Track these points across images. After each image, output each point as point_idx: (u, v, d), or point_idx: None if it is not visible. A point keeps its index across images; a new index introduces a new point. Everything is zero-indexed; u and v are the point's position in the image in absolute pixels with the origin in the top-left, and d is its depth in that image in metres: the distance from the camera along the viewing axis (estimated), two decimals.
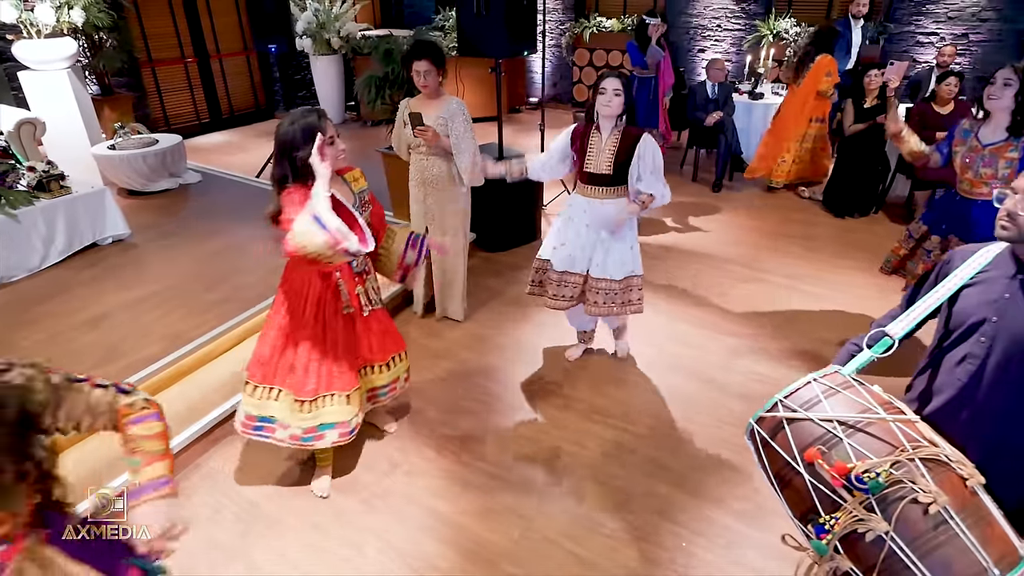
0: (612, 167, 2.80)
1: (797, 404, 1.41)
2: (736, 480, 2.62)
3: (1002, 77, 2.78)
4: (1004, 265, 1.43)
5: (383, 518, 2.48)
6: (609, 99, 2.69)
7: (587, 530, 2.41)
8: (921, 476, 1.21)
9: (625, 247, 2.96)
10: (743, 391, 3.17)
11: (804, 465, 1.32)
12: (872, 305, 3.91)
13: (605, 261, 2.94)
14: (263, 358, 2.41)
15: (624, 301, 3.03)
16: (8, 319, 3.30)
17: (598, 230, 2.92)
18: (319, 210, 1.92)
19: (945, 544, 1.17)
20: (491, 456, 2.78)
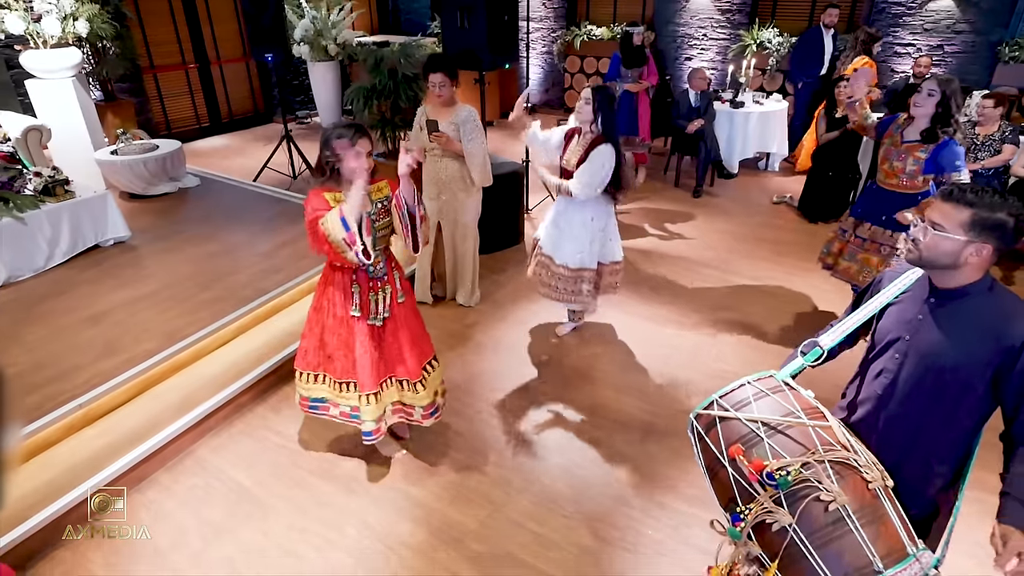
0: (576, 165, 3.18)
1: (730, 404, 1.56)
2: (689, 468, 2.82)
3: (927, 88, 3.10)
4: (920, 288, 1.57)
5: (361, 502, 2.69)
6: (580, 107, 3.10)
7: (548, 512, 2.62)
8: (827, 477, 1.35)
9: (579, 241, 3.31)
10: (703, 387, 3.38)
11: (728, 460, 1.48)
12: (836, 306, 4.12)
13: (561, 247, 3.35)
14: (306, 349, 2.68)
15: (574, 291, 3.38)
16: (15, 315, 3.52)
17: (561, 216, 3.34)
18: (347, 212, 2.26)
19: (839, 538, 1.31)
20: (464, 446, 2.99)
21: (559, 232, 3.37)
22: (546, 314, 4.04)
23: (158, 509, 2.66)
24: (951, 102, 3.04)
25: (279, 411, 3.24)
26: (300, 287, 3.93)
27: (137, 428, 2.87)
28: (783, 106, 6.59)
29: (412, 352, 2.66)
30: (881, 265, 3.39)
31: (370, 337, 2.56)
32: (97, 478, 2.59)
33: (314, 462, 2.91)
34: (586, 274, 3.38)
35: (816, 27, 6.31)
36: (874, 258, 3.42)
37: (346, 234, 2.26)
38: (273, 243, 4.42)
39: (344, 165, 2.33)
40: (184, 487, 2.77)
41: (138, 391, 3.06)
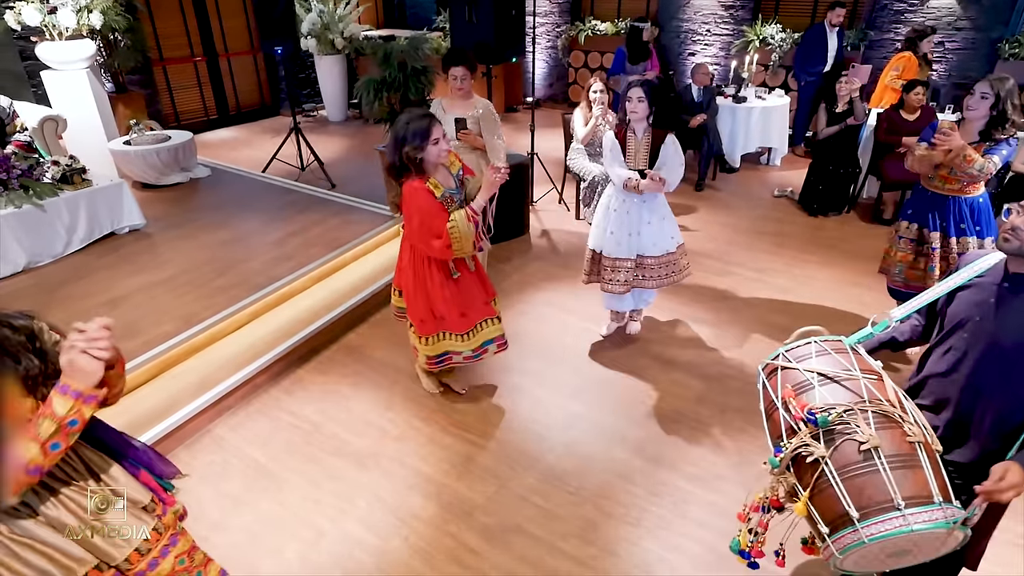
0: (648, 162, 3.26)
1: (793, 357, 1.70)
2: (689, 449, 2.93)
3: (979, 90, 3.02)
4: (995, 273, 1.65)
5: (373, 477, 2.79)
6: (635, 106, 3.15)
7: (553, 487, 2.72)
8: (866, 424, 1.44)
9: (669, 222, 3.41)
10: (703, 372, 3.48)
11: (781, 402, 1.61)
12: (830, 296, 4.21)
13: (658, 239, 3.38)
14: (422, 320, 2.94)
15: (680, 268, 3.46)
16: (35, 300, 3.62)
17: (640, 215, 3.35)
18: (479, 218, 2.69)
19: (867, 474, 1.39)
20: (471, 426, 3.09)
21: (650, 228, 3.36)
22: (552, 302, 4.14)
23: (178, 484, 2.76)
24: (1007, 103, 2.95)
25: (292, 393, 3.34)
26: (311, 274, 4.03)
27: (157, 407, 2.97)
28: (785, 101, 6.67)
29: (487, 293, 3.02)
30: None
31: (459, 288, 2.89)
32: None
33: (326, 440, 3.01)
34: (683, 247, 3.48)
35: (820, 24, 6.38)
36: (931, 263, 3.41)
37: (475, 234, 2.66)
38: (284, 232, 4.52)
39: (426, 154, 2.53)
40: (203, 463, 2.88)
41: (157, 372, 3.17)
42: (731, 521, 2.55)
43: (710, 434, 3.02)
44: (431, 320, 2.93)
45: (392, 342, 3.76)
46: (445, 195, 2.69)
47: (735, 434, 3.02)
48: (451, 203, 2.71)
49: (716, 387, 3.36)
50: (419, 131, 2.53)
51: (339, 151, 7.46)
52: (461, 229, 2.62)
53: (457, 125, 3.59)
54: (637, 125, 3.26)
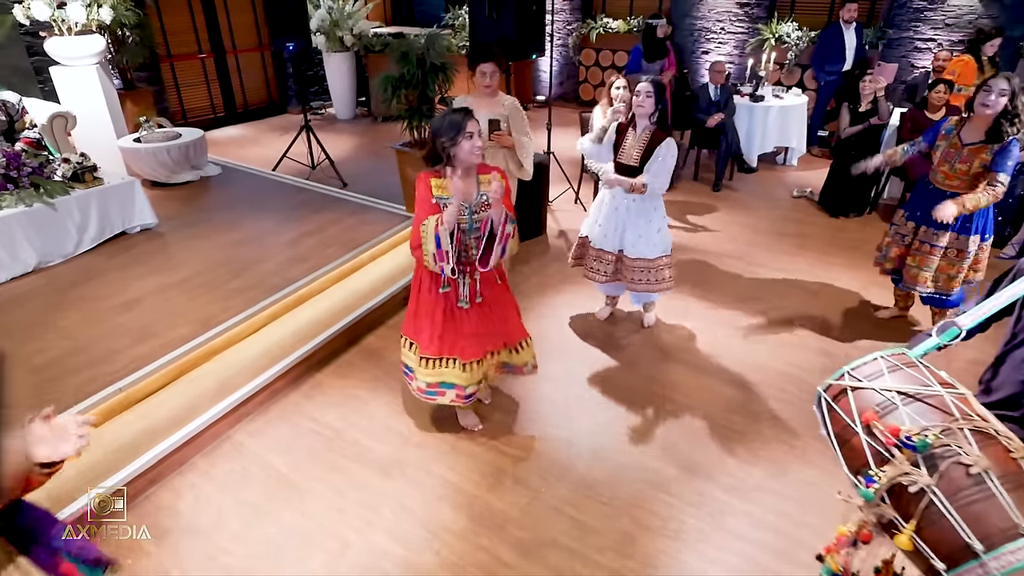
0: (639, 161, 3.22)
1: (862, 376, 1.54)
2: (723, 458, 2.84)
3: (997, 87, 3.00)
4: None
5: (398, 485, 2.70)
6: (642, 100, 3.11)
7: (587, 498, 2.63)
8: (967, 443, 1.31)
9: (653, 229, 3.38)
10: (733, 378, 3.39)
11: (862, 427, 1.45)
12: (856, 299, 4.13)
13: (636, 242, 3.37)
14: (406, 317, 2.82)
15: (658, 279, 3.44)
16: (47, 301, 3.53)
17: (627, 214, 3.36)
18: (442, 232, 2.40)
19: (983, 500, 1.25)
20: (495, 431, 3.00)
21: (635, 229, 3.38)
22: (572, 304, 4.05)
23: (198, 492, 2.68)
24: (1017, 99, 2.98)
25: (312, 398, 3.25)
26: (328, 275, 3.94)
27: (175, 413, 2.88)
28: (803, 100, 6.57)
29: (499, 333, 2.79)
30: (950, 269, 3.36)
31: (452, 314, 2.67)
32: (139, 462, 2.61)
33: (348, 447, 2.92)
34: (665, 259, 3.46)
35: (836, 23, 6.29)
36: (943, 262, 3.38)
37: (436, 251, 2.42)
38: (298, 232, 4.43)
39: (458, 149, 2.44)
40: (222, 471, 2.79)
41: (174, 376, 3.07)
42: (770, 533, 2.47)
43: (743, 443, 2.93)
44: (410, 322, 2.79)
45: None
46: (444, 202, 2.51)
47: (769, 443, 2.93)
48: None
49: (747, 394, 3.27)
50: (454, 124, 2.46)
51: (349, 149, 7.37)
52: (427, 232, 2.44)
53: (491, 126, 3.50)
54: (640, 121, 3.22)
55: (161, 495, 2.67)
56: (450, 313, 2.68)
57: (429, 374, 2.72)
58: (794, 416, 3.10)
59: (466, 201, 2.55)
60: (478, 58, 3.39)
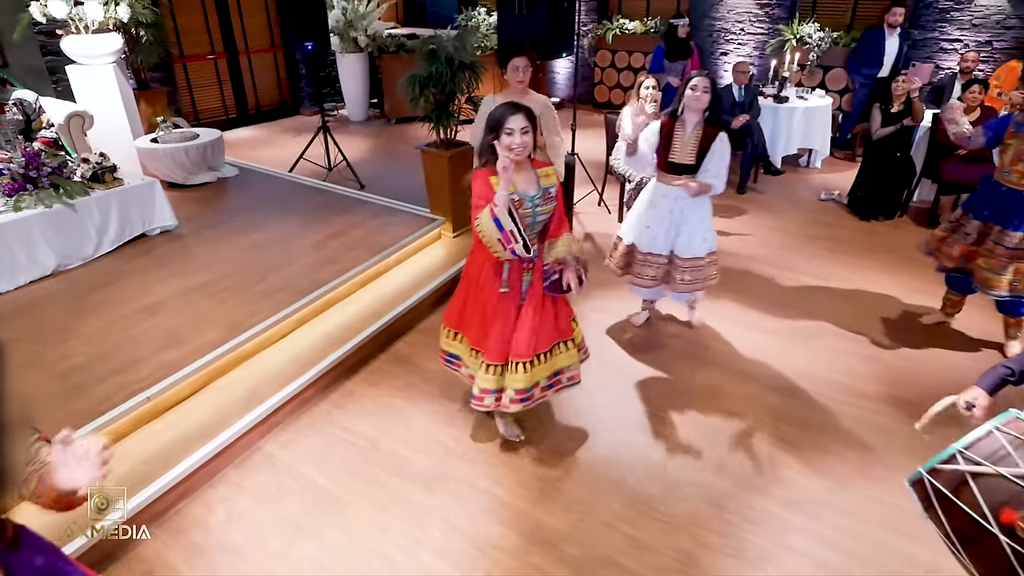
0: (695, 158, 3.10)
1: (982, 456, 1.28)
2: (777, 471, 2.71)
3: None
4: None
5: (444, 500, 2.58)
6: (698, 95, 2.98)
7: (640, 514, 2.51)
8: None
9: (705, 227, 3.28)
10: (777, 384, 3.26)
11: (1000, 527, 1.19)
12: (896, 304, 4.01)
13: (691, 241, 3.27)
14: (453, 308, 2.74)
15: (707, 276, 3.35)
16: (68, 306, 3.41)
17: (681, 214, 3.25)
18: (499, 212, 2.28)
19: None
20: (542, 444, 2.88)
21: (687, 229, 3.28)
22: (605, 309, 3.93)
23: (231, 507, 2.55)
24: None
25: (343, 407, 3.13)
26: (356, 279, 3.82)
27: (205, 422, 2.76)
28: (827, 102, 6.46)
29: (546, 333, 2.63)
30: None
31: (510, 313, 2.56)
32: (171, 474, 2.49)
33: (385, 459, 2.80)
34: (713, 255, 3.37)
35: (879, 27, 6.18)
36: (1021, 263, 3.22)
37: (500, 234, 2.29)
38: (323, 234, 4.32)
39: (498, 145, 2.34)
40: (255, 484, 2.66)
41: (203, 384, 2.95)
42: (834, 550, 2.34)
43: (795, 454, 2.81)
44: (457, 314, 2.73)
45: None
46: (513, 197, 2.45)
47: (821, 454, 2.80)
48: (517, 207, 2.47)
49: (793, 401, 3.15)
50: (496, 118, 2.37)
51: (364, 151, 7.27)
52: (483, 223, 2.35)
53: None
54: (690, 118, 3.09)
55: (192, 509, 2.54)
56: (510, 313, 2.58)
57: (492, 380, 2.59)
58: (845, 425, 2.97)
59: (526, 193, 2.45)
60: (510, 53, 3.27)
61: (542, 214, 2.51)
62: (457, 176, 4.48)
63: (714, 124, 3.11)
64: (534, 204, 2.49)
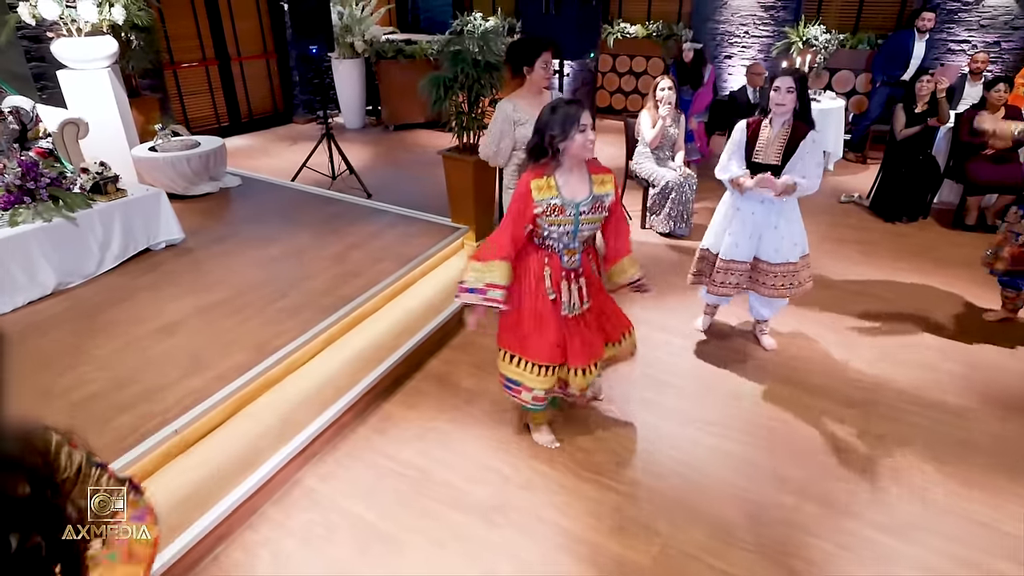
0: (780, 158, 2.95)
1: None
2: (864, 491, 2.54)
3: None
4: None
5: (508, 535, 2.35)
6: (783, 97, 2.84)
7: (725, 544, 2.31)
8: None
9: (794, 231, 3.11)
10: (845, 397, 3.10)
11: None
12: (942, 307, 3.89)
13: (779, 246, 3.10)
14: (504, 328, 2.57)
15: (800, 281, 3.18)
16: (75, 327, 3.12)
17: (767, 218, 3.07)
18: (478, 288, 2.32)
19: None
20: (605, 468, 2.67)
21: (776, 232, 3.10)
22: (644, 320, 3.73)
23: (276, 549, 2.30)
24: None
25: (384, 432, 2.89)
26: (383, 294, 3.58)
27: (238, 455, 2.50)
28: (840, 104, 6.40)
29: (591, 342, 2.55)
30: None
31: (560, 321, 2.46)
32: (208, 518, 2.24)
33: (439, 490, 2.56)
34: (805, 259, 3.21)
35: (908, 30, 6.14)
36: None
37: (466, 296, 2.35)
38: (341, 245, 4.06)
39: (570, 143, 2.21)
40: (299, 523, 2.41)
41: (232, 411, 2.69)
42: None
43: (880, 473, 2.63)
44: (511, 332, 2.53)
45: (481, 368, 3.33)
46: (549, 202, 2.28)
47: (909, 472, 2.63)
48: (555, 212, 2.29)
49: (865, 415, 2.98)
50: (568, 116, 2.21)
51: (365, 159, 7.02)
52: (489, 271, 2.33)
53: None
54: (778, 118, 2.93)
55: (232, 555, 2.28)
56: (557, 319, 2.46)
57: (545, 381, 2.51)
58: (924, 439, 2.81)
59: (571, 199, 2.28)
60: (539, 48, 3.05)
61: (588, 223, 2.36)
62: (481, 182, 4.28)
63: (807, 120, 2.95)
64: (578, 211, 2.31)
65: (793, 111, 2.90)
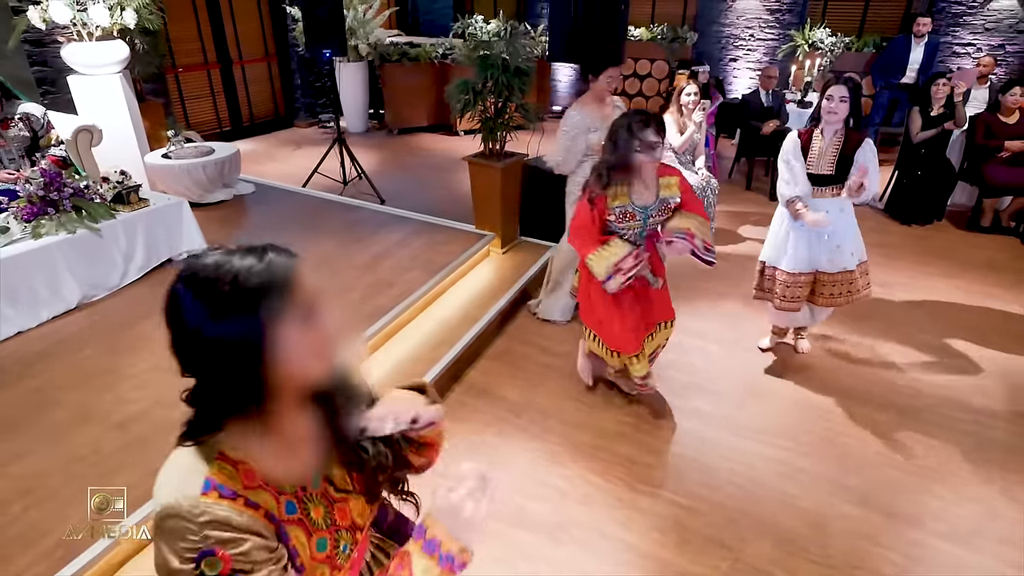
0: (834, 167, 2.92)
1: None
2: (924, 499, 2.53)
3: None
4: None
5: (573, 552, 2.30)
6: (835, 106, 2.80)
7: (793, 556, 2.28)
8: None
9: (851, 239, 3.08)
10: (891, 402, 3.10)
11: None
12: (970, 309, 3.91)
13: (839, 255, 3.06)
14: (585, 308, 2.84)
15: (858, 288, 3.14)
16: (105, 343, 3.02)
17: (830, 229, 3.02)
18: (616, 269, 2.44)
19: None
20: (663, 481, 2.63)
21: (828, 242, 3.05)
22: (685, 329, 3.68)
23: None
24: None
25: None
26: (416, 304, 3.52)
27: None
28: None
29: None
30: None
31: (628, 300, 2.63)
32: None
33: (500, 507, 2.49)
34: (865, 265, 3.18)
35: (906, 35, 6.19)
36: None
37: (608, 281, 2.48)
38: (369, 254, 3.99)
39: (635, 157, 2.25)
40: None
41: None
42: None
43: (938, 479, 2.62)
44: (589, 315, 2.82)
45: (521, 379, 3.28)
46: (623, 209, 2.35)
47: (966, 478, 2.63)
48: (627, 218, 2.33)
49: (914, 420, 2.98)
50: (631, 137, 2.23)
51: (373, 164, 6.93)
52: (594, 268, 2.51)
53: None
54: (829, 128, 2.91)
55: None
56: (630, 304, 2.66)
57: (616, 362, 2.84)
58: (977, 445, 2.81)
59: (640, 205, 2.30)
60: (607, 61, 3.09)
61: (655, 224, 2.48)
62: (509, 189, 4.23)
63: (860, 128, 2.94)
64: (647, 215, 2.34)
65: (845, 121, 2.88)
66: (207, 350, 0.82)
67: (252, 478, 0.88)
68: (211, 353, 0.82)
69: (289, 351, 0.84)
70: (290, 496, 0.92)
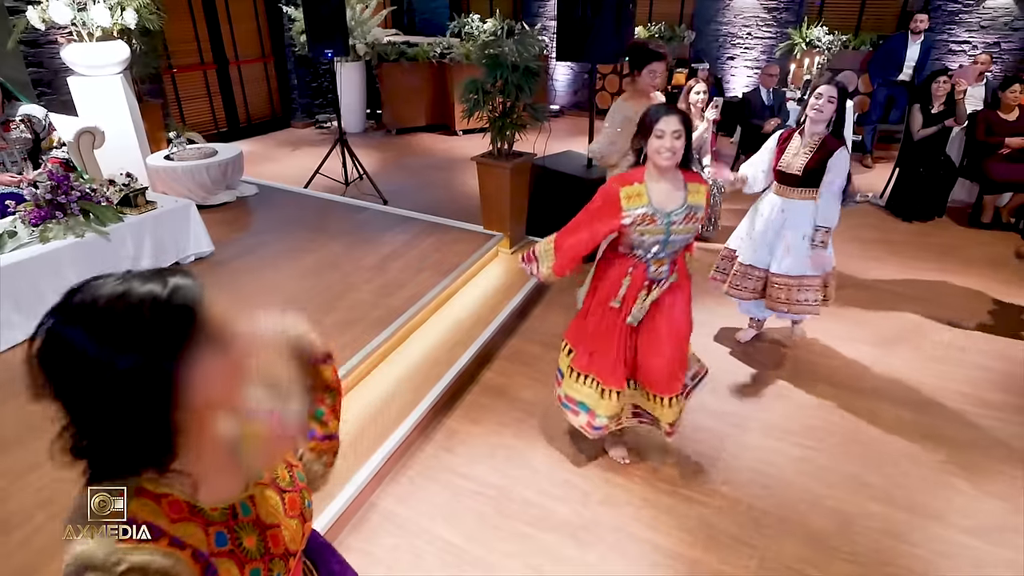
0: (802, 171, 2.92)
1: None
2: (946, 495, 2.54)
3: None
4: None
5: (603, 554, 2.30)
6: (822, 105, 2.79)
7: (821, 554, 2.28)
8: None
9: (803, 246, 3.05)
10: (905, 399, 3.11)
11: None
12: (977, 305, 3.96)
13: (784, 260, 3.08)
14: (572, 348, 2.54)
15: (810, 301, 3.15)
16: None
17: (782, 226, 3.06)
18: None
19: None
20: (685, 480, 2.63)
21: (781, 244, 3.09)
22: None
23: None
24: None
25: (451, 450, 2.81)
26: (429, 306, 3.50)
27: None
28: (849, 105, 6.46)
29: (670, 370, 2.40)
30: None
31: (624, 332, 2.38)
32: None
33: (522, 509, 2.49)
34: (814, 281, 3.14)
35: (903, 33, 6.23)
36: None
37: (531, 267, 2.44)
38: (378, 255, 3.96)
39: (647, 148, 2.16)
40: (384, 549, 2.32)
41: None
42: None
43: (959, 475, 2.64)
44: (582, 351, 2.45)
45: (536, 379, 3.27)
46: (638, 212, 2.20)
47: (985, 473, 2.65)
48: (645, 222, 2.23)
49: (929, 416, 2.99)
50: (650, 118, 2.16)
51: (373, 164, 6.88)
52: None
53: None
54: (810, 128, 2.90)
55: None
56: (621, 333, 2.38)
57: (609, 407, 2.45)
58: (994, 438, 2.84)
59: (662, 208, 2.22)
60: (648, 58, 3.17)
61: (678, 235, 2.24)
62: (518, 189, 4.21)
63: (840, 136, 2.92)
64: (669, 221, 2.25)
65: (827, 124, 2.87)
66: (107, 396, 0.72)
67: (179, 509, 0.81)
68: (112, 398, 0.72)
69: (207, 382, 0.78)
70: (220, 526, 0.85)
